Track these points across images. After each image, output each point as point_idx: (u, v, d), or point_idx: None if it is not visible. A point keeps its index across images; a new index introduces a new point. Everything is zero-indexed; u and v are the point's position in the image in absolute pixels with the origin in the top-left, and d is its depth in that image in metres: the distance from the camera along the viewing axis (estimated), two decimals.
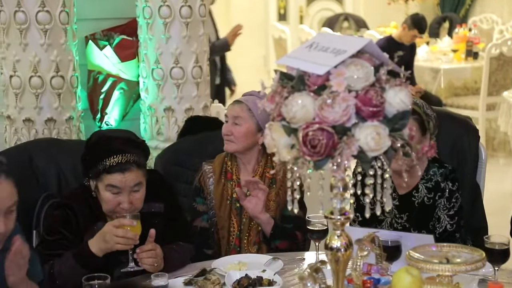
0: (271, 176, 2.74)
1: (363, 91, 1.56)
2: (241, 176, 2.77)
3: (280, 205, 2.73)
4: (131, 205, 2.38)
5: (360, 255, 1.92)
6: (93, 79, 4.03)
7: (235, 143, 2.72)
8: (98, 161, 2.37)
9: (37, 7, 3.46)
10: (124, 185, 2.36)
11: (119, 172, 2.35)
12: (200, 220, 2.78)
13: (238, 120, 2.71)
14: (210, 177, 2.79)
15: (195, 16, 3.78)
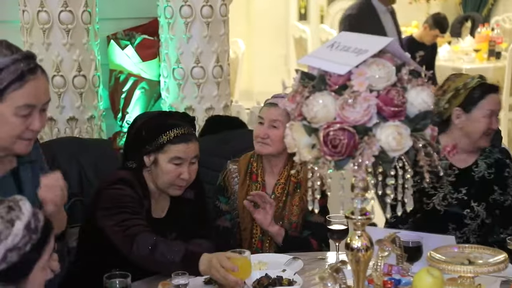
0: (296, 180, 2.73)
1: (384, 91, 1.55)
2: (266, 178, 2.76)
3: (304, 210, 2.71)
4: (190, 176, 2.47)
5: (380, 256, 1.91)
6: (114, 79, 4.05)
7: (271, 146, 2.70)
8: (160, 133, 2.43)
9: (60, 7, 3.49)
10: (186, 156, 2.45)
11: (184, 142, 2.45)
12: (223, 219, 2.78)
13: (277, 124, 2.68)
14: (234, 177, 2.78)
15: (216, 16, 3.79)
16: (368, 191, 1.64)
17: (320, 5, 10.08)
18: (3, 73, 1.81)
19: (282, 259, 2.46)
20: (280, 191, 2.73)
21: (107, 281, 2.09)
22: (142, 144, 2.47)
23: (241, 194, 2.75)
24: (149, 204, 2.50)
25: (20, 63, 1.83)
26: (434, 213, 2.77)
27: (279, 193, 2.73)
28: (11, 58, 1.82)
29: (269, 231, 2.66)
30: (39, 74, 1.87)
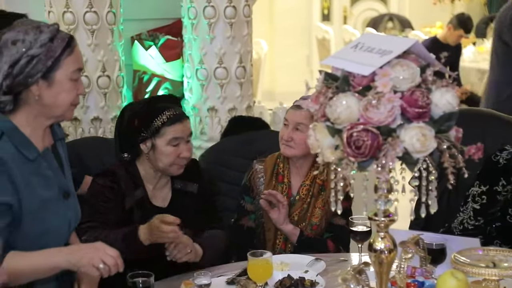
0: (321, 182, 2.72)
1: (408, 92, 1.54)
2: (292, 179, 2.75)
3: (327, 214, 2.70)
4: (189, 154, 2.54)
5: (404, 258, 1.90)
6: (138, 79, 4.08)
7: (295, 149, 2.70)
8: (154, 118, 2.48)
9: (85, 7, 3.52)
10: (184, 134, 2.51)
11: (179, 122, 2.50)
12: (247, 219, 2.78)
13: (301, 127, 2.67)
14: (260, 177, 2.78)
15: (239, 17, 3.80)
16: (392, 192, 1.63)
17: (343, 5, 10.05)
18: (54, 41, 1.92)
19: (305, 260, 2.46)
20: (305, 192, 2.72)
21: (130, 280, 2.11)
22: (137, 133, 2.51)
23: None
24: (144, 192, 2.53)
25: (62, 32, 1.96)
26: None
27: (304, 194, 2.73)
28: (53, 28, 1.94)
29: (283, 230, 2.66)
30: (75, 41, 2.01)
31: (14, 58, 1.89)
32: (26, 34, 1.90)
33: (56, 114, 2.00)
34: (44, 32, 1.92)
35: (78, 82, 2.01)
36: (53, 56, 1.92)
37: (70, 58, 1.96)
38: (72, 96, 1.99)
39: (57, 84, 1.94)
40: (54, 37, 1.93)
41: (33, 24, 1.94)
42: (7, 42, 1.90)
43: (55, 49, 1.92)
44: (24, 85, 1.92)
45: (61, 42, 1.94)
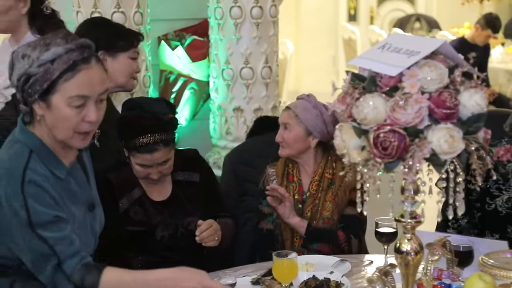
0: (330, 176, 2.75)
1: (436, 92, 1.53)
2: (302, 177, 2.79)
3: (338, 206, 2.72)
4: (160, 174, 2.54)
5: (430, 260, 1.89)
6: (164, 79, 4.10)
7: (287, 148, 2.75)
8: (128, 138, 2.50)
9: (113, 8, 3.55)
10: (151, 163, 2.52)
11: (147, 152, 2.49)
12: (266, 222, 2.81)
13: (288, 126, 2.74)
14: (273, 180, 2.82)
15: (266, 17, 3.80)
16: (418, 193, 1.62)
17: (370, 6, 10.01)
18: (55, 63, 1.78)
19: (330, 261, 2.45)
20: (315, 188, 2.75)
21: None
22: (119, 138, 2.55)
23: None
24: (141, 190, 2.59)
25: (73, 53, 1.80)
26: (494, 214, 2.71)
27: (314, 190, 2.75)
28: (64, 47, 1.79)
29: (290, 223, 2.69)
30: (93, 63, 1.83)
31: (19, 73, 1.81)
32: (33, 50, 1.81)
33: (59, 139, 1.87)
34: (50, 50, 1.79)
35: (85, 109, 1.82)
36: (50, 79, 1.79)
37: (70, 83, 1.79)
38: (73, 123, 1.83)
39: (55, 109, 1.81)
40: (58, 57, 1.79)
41: (52, 38, 1.82)
42: (18, 55, 1.82)
43: (52, 71, 1.78)
44: (28, 102, 1.83)
45: (63, 64, 1.78)
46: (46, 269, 1.82)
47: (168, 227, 2.57)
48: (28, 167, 1.82)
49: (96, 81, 1.84)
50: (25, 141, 1.87)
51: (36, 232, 1.80)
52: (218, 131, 4.01)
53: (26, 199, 1.80)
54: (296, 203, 2.75)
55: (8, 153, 1.88)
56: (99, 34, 2.69)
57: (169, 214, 2.59)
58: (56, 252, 1.82)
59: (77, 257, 1.84)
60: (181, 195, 2.63)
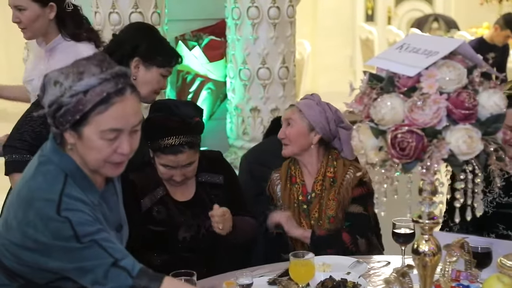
0: (332, 175, 2.75)
1: (455, 93, 1.52)
2: (305, 178, 2.80)
3: (341, 204, 2.72)
4: (183, 177, 2.55)
5: (448, 261, 1.88)
6: (181, 79, 4.11)
7: (290, 145, 2.76)
8: (154, 139, 2.51)
9: (131, 8, 3.57)
10: (176, 164, 2.52)
11: (172, 154, 2.50)
12: None
13: (290, 122, 2.75)
14: (277, 184, 2.84)
15: (283, 17, 3.80)
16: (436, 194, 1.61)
17: (387, 6, 9.96)
18: (88, 94, 1.71)
19: (347, 261, 2.44)
20: (319, 187, 2.76)
21: None
22: (145, 139, 2.52)
23: (284, 198, 2.80)
24: (165, 190, 2.60)
25: (107, 84, 1.72)
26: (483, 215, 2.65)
27: (318, 190, 2.76)
28: (98, 77, 1.72)
29: (295, 236, 2.71)
30: (127, 94, 1.75)
31: (51, 99, 1.74)
32: (66, 78, 1.72)
33: (90, 168, 1.81)
34: (83, 80, 1.71)
35: (118, 140, 1.76)
36: (82, 110, 1.71)
37: (103, 116, 1.71)
38: (105, 155, 1.77)
39: (86, 140, 1.75)
40: (91, 89, 1.71)
41: (85, 66, 1.74)
42: (51, 80, 1.74)
43: (85, 103, 1.71)
44: (59, 129, 1.77)
45: (96, 96, 1.70)
46: (98, 270, 1.75)
47: (191, 228, 2.58)
48: (64, 193, 1.76)
49: (130, 113, 1.76)
50: (60, 164, 1.80)
51: (85, 242, 1.74)
52: (235, 131, 4.02)
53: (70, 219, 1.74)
54: (301, 204, 2.77)
55: (42, 174, 1.80)
56: (142, 41, 2.70)
57: (191, 215, 2.59)
58: (110, 253, 1.76)
59: (131, 258, 1.80)
60: (204, 196, 2.63)
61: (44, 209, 1.74)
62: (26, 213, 1.76)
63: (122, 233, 2.00)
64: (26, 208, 1.76)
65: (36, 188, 1.78)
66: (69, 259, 1.76)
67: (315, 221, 2.74)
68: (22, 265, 1.81)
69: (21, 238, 1.77)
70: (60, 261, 1.76)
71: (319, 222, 2.73)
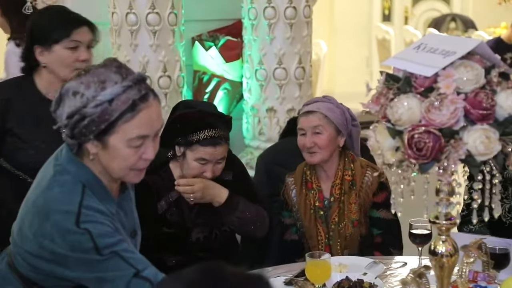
0: (350, 178, 2.71)
1: (472, 93, 1.51)
2: (321, 183, 2.75)
3: (363, 206, 2.70)
4: (213, 175, 2.54)
5: (466, 262, 1.87)
6: (198, 79, 4.12)
7: (320, 153, 2.69)
8: (192, 131, 2.49)
9: (148, 8, 3.58)
10: (212, 158, 2.51)
11: (211, 145, 2.49)
12: (290, 233, 2.79)
13: (319, 129, 2.67)
14: (292, 189, 2.80)
15: (300, 17, 3.80)
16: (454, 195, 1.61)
17: (404, 5, 9.91)
18: (113, 103, 1.69)
19: (363, 262, 2.44)
20: (338, 192, 2.72)
21: None
22: (176, 135, 2.54)
23: (300, 204, 2.75)
24: (179, 193, 2.58)
25: (131, 91, 1.71)
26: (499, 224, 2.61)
27: (337, 194, 2.72)
28: (121, 85, 1.70)
29: None
30: (151, 100, 1.75)
31: (71, 110, 1.71)
32: (86, 88, 1.70)
33: (114, 177, 1.82)
34: (106, 89, 1.69)
35: (143, 147, 1.76)
36: (108, 120, 1.70)
37: (130, 124, 1.71)
38: (131, 162, 1.77)
39: (112, 149, 1.74)
40: (115, 98, 1.69)
41: (105, 74, 1.72)
42: (69, 91, 1.72)
43: (111, 112, 1.69)
44: (80, 140, 1.75)
45: (122, 104, 1.69)
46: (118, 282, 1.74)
47: (204, 229, 2.59)
48: (83, 204, 1.75)
49: (155, 118, 1.77)
50: (77, 174, 1.79)
51: (105, 254, 1.73)
52: (251, 131, 4.02)
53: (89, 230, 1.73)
54: (318, 210, 2.73)
55: (59, 185, 1.78)
56: (33, 29, 2.52)
57: (204, 216, 2.60)
58: (132, 263, 1.75)
59: (153, 267, 1.79)
60: None
61: (62, 221, 1.73)
62: (43, 224, 1.74)
63: (136, 238, 1.98)
64: (42, 219, 1.75)
65: (53, 199, 1.76)
66: (89, 269, 1.75)
67: (335, 226, 2.70)
68: (38, 274, 1.80)
69: (37, 248, 1.76)
70: (79, 271, 1.75)
71: (339, 226, 2.70)
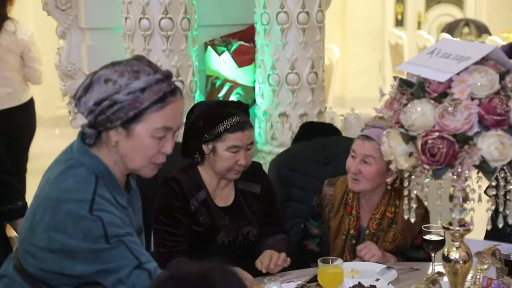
0: (391, 216, 2.60)
1: (487, 99, 1.51)
2: (361, 212, 2.63)
3: (398, 248, 2.59)
4: (247, 162, 2.56)
5: (480, 268, 1.86)
6: (211, 84, 4.13)
7: (363, 183, 2.56)
8: (217, 123, 2.52)
9: (161, 14, 3.59)
10: (243, 143, 2.53)
11: (240, 130, 2.52)
12: (311, 242, 2.72)
13: (369, 160, 2.53)
14: (330, 204, 2.67)
15: (312, 22, 3.79)
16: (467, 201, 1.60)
17: (417, 10, 9.89)
18: (145, 93, 1.77)
19: (376, 268, 2.43)
20: (375, 227, 2.61)
21: None
22: (201, 134, 2.56)
23: (333, 224, 2.66)
24: (207, 193, 2.59)
25: (163, 84, 1.80)
26: None
27: (373, 229, 2.61)
28: (154, 77, 1.78)
29: None
30: (178, 96, 1.85)
31: (101, 96, 1.78)
32: (120, 76, 1.78)
33: (131, 167, 1.87)
34: (140, 79, 1.77)
35: (164, 140, 1.83)
36: (138, 107, 1.77)
37: (158, 114, 1.79)
38: (151, 153, 1.84)
39: (136, 137, 1.80)
40: (148, 87, 1.77)
41: (139, 66, 1.80)
42: (100, 78, 1.78)
43: (142, 100, 1.77)
44: (104, 127, 1.80)
45: (154, 94, 1.77)
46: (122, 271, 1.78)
47: (230, 233, 2.60)
48: (97, 193, 1.80)
49: (180, 113, 1.86)
50: (90, 166, 1.84)
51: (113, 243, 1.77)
52: (263, 136, 4.02)
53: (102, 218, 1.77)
54: (351, 238, 2.63)
55: (73, 177, 1.82)
56: None
57: (230, 220, 2.60)
58: (136, 255, 1.80)
59: (155, 263, 1.83)
60: (243, 202, 2.65)
61: (76, 209, 1.77)
62: (55, 215, 1.78)
63: (142, 237, 2.03)
64: (55, 210, 1.79)
65: (66, 189, 1.80)
66: (95, 261, 1.78)
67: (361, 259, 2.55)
68: (45, 272, 1.83)
69: (47, 241, 1.79)
70: (85, 264, 1.78)
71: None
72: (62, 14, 4.05)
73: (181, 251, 2.52)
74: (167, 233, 2.53)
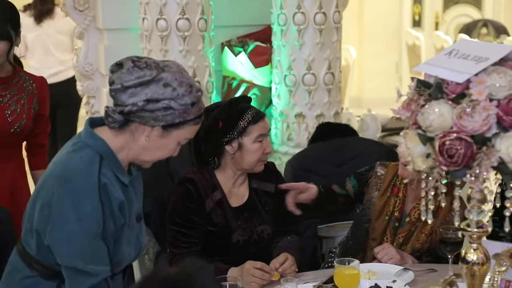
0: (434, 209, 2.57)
1: (505, 100, 1.50)
2: (407, 195, 2.66)
3: (431, 242, 2.61)
4: (270, 148, 2.63)
5: (498, 270, 1.84)
6: (227, 85, 4.14)
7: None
8: (238, 119, 2.55)
9: (178, 14, 3.60)
10: (266, 130, 2.60)
11: (261, 119, 2.58)
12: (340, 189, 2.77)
13: None
14: (379, 182, 2.71)
15: (329, 23, 3.79)
16: (485, 203, 1.59)
17: (435, 11, 9.84)
18: (193, 107, 1.97)
19: (393, 269, 2.42)
20: (416, 216, 2.62)
21: None
22: (222, 135, 2.56)
23: (378, 204, 2.68)
24: (222, 193, 2.60)
25: (199, 104, 2.00)
26: None
27: (415, 218, 2.63)
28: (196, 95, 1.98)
29: None
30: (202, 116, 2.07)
31: (156, 96, 1.92)
32: (179, 86, 1.94)
33: (141, 159, 2.04)
34: (192, 94, 1.96)
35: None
36: (184, 118, 1.96)
37: (193, 127, 2.00)
38: (165, 155, 2.04)
39: (168, 139, 1.98)
40: (196, 103, 1.97)
41: (191, 80, 1.99)
42: (161, 81, 1.92)
43: (189, 113, 1.96)
44: (143, 122, 1.94)
45: (196, 111, 1.98)
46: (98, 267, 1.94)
47: (245, 232, 2.60)
48: (101, 171, 1.94)
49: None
50: (95, 146, 1.96)
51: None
52: (279, 137, 4.02)
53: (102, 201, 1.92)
54: (395, 220, 2.65)
55: (79, 156, 1.95)
56: None
57: (245, 219, 2.61)
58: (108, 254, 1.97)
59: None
60: (257, 201, 2.66)
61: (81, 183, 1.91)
62: (61, 187, 1.91)
63: (141, 225, 2.13)
64: (61, 182, 1.92)
65: (73, 166, 1.93)
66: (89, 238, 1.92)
67: (398, 246, 2.60)
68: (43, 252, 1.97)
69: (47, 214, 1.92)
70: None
71: (401, 248, 2.61)
72: (80, 14, 4.08)
73: (195, 252, 2.52)
74: (181, 234, 2.54)
